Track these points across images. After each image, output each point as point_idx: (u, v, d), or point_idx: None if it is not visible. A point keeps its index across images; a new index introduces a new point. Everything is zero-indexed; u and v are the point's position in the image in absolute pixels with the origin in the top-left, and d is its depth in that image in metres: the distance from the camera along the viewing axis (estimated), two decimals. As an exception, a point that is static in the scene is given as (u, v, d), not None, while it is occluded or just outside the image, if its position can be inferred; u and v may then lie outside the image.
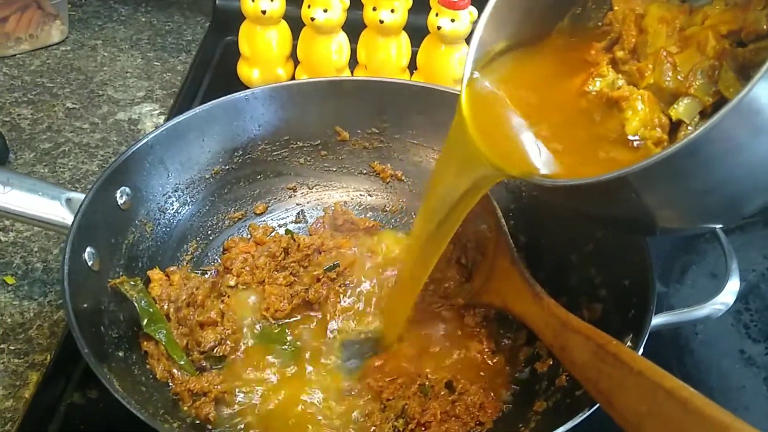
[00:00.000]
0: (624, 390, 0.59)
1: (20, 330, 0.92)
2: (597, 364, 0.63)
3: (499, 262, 0.86)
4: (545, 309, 0.75)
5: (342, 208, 1.07)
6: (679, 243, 1.08)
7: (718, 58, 0.67)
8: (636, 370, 0.59)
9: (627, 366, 0.60)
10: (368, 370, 0.85)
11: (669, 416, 0.55)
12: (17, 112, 1.28)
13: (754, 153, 0.57)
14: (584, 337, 0.66)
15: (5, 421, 0.83)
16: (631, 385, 0.59)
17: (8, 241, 1.04)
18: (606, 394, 0.61)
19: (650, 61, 0.71)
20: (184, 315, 0.88)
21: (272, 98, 1.05)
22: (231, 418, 0.81)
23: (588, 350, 0.65)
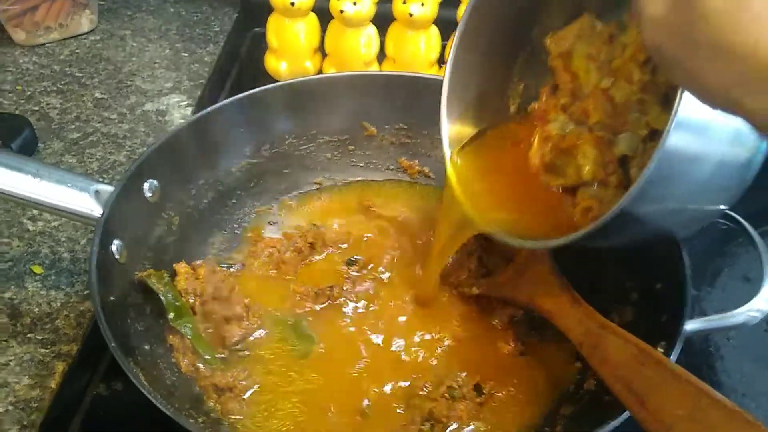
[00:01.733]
0: (662, 392, 0.61)
1: (47, 320, 0.93)
2: (634, 365, 0.65)
3: (535, 267, 0.86)
4: (582, 310, 0.76)
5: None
6: (711, 246, 1.06)
7: (643, 90, 0.67)
8: (682, 378, 0.61)
9: (670, 371, 0.62)
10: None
11: (711, 422, 0.56)
12: (46, 102, 1.29)
13: (695, 178, 0.60)
14: (624, 341, 0.69)
15: (31, 410, 0.83)
16: (672, 389, 0.61)
17: (36, 231, 1.04)
18: (639, 394, 0.63)
19: (591, 101, 0.72)
20: (210, 309, 0.88)
21: (301, 92, 1.04)
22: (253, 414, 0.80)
23: (627, 352, 0.67)
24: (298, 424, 0.79)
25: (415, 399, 0.81)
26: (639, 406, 0.62)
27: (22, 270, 0.99)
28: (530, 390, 0.83)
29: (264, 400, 0.81)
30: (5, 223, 1.05)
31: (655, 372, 0.63)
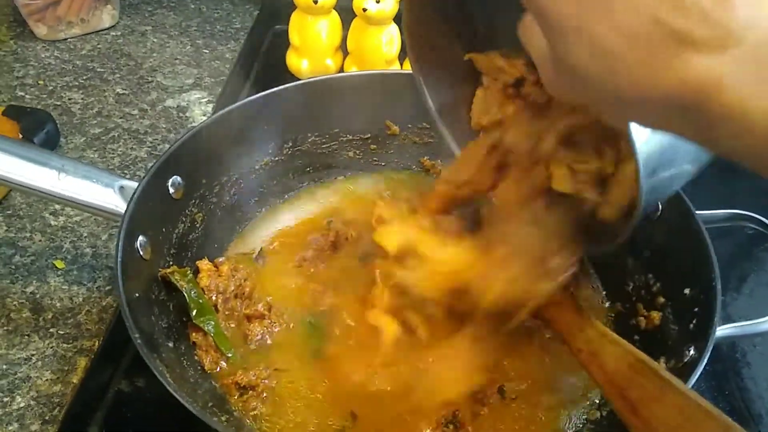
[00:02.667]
0: (656, 402, 0.62)
1: (69, 315, 0.93)
2: (631, 375, 0.66)
3: None
4: (584, 319, 0.76)
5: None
6: (738, 251, 1.05)
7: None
8: (678, 390, 0.62)
9: (666, 382, 0.63)
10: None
11: None
12: (68, 96, 1.29)
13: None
14: (624, 350, 0.69)
15: (53, 405, 0.83)
16: (666, 400, 0.62)
17: (58, 225, 1.04)
18: (632, 402, 0.64)
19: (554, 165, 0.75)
20: (232, 307, 0.87)
21: (324, 90, 1.03)
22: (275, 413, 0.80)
23: (625, 361, 0.68)
24: (320, 424, 0.78)
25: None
26: (631, 413, 0.63)
27: (44, 265, 0.99)
28: (555, 393, 0.82)
29: (286, 399, 0.80)
30: (28, 217, 1.05)
31: (651, 382, 0.64)
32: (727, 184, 1.17)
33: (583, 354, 0.74)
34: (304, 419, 0.79)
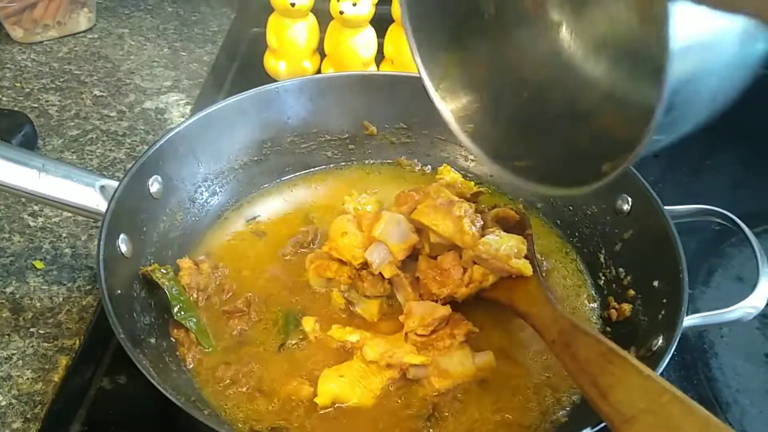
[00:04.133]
0: (625, 387, 0.65)
1: (49, 314, 0.93)
2: (602, 363, 0.68)
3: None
4: (557, 312, 0.79)
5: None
6: (706, 246, 1.08)
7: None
8: (645, 375, 0.64)
9: (635, 368, 0.66)
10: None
11: (670, 416, 0.60)
12: (45, 99, 1.29)
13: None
14: (596, 340, 0.72)
15: (35, 404, 0.84)
16: (634, 384, 0.64)
17: (37, 226, 1.04)
18: (602, 388, 0.66)
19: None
20: (213, 303, 0.89)
21: (302, 91, 1.05)
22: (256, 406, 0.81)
23: (596, 350, 0.70)
24: (300, 417, 0.79)
25: (418, 393, 0.82)
26: (601, 398, 0.66)
27: (23, 265, 0.99)
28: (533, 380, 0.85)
29: (267, 393, 0.81)
30: (6, 218, 1.05)
31: (620, 369, 0.67)
32: (697, 181, 1.22)
33: (556, 345, 0.76)
34: (281, 411, 0.80)
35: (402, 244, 0.89)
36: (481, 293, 0.89)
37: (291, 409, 0.80)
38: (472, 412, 0.81)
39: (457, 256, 0.89)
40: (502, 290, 0.88)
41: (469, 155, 1.10)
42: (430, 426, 0.79)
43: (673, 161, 1.21)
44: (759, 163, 1.26)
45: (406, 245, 0.89)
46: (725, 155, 1.25)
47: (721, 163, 1.24)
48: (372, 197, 0.98)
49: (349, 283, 0.91)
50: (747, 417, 0.88)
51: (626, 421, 0.62)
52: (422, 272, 0.89)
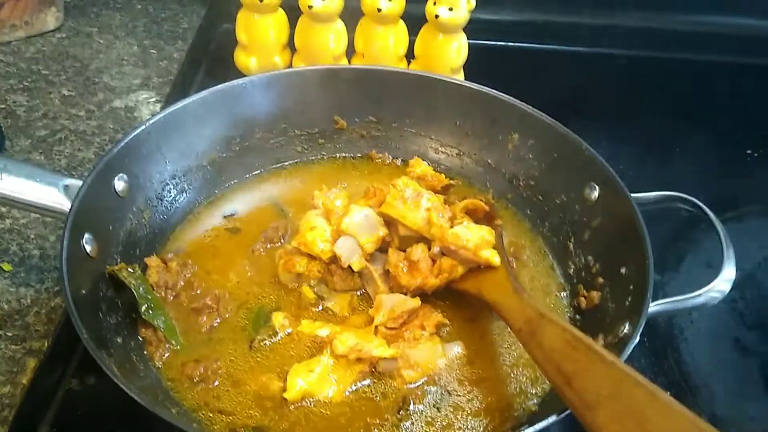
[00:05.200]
0: (589, 374, 0.66)
1: (17, 317, 0.92)
2: (567, 350, 0.69)
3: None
4: (524, 301, 0.80)
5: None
6: (675, 233, 1.09)
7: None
8: (608, 361, 0.65)
9: (598, 355, 0.66)
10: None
11: (633, 401, 0.60)
12: (12, 99, 1.27)
13: None
14: (561, 328, 0.73)
15: (3, 406, 0.83)
16: (598, 371, 0.65)
17: (4, 228, 1.03)
18: (567, 375, 0.67)
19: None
20: (181, 301, 0.88)
21: (270, 86, 1.05)
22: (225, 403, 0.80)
23: (561, 338, 0.71)
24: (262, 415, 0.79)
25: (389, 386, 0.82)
26: (566, 385, 0.66)
27: (-10, 267, 0.98)
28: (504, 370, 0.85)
29: (236, 390, 0.81)
30: (-28, 221, 1.04)
31: (585, 356, 0.67)
32: (666, 169, 1.23)
33: (522, 333, 0.76)
34: (251, 408, 0.79)
35: (371, 237, 0.89)
36: (451, 284, 0.89)
37: (261, 405, 0.80)
38: (442, 402, 0.81)
39: (426, 248, 0.89)
40: (471, 281, 0.88)
41: (440, 148, 1.10)
42: (401, 419, 0.79)
43: (641, 149, 1.22)
44: (727, 150, 1.27)
45: (374, 238, 0.89)
46: (694, 142, 1.26)
47: (689, 150, 1.25)
48: (342, 192, 0.97)
49: (319, 277, 0.91)
50: (717, 401, 0.89)
51: (590, 408, 0.62)
52: (392, 265, 0.89)
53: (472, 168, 1.09)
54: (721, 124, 1.32)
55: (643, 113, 1.34)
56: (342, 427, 0.78)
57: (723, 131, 1.30)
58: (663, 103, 1.37)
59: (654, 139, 1.28)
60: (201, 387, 0.80)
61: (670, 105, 1.37)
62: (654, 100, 1.38)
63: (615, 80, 1.44)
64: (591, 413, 0.62)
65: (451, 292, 0.90)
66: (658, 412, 0.59)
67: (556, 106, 1.03)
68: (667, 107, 1.36)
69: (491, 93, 1.04)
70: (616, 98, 1.38)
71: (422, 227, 0.89)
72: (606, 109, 1.35)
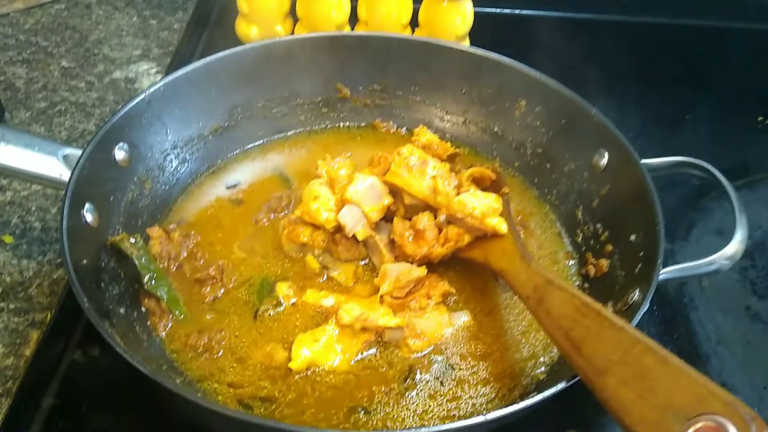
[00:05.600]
0: (598, 339, 0.64)
1: (20, 289, 0.91)
2: (576, 316, 0.68)
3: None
4: (532, 268, 0.79)
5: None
6: (685, 201, 1.07)
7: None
8: (618, 326, 0.64)
9: (608, 321, 0.65)
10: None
11: (643, 366, 0.59)
12: (12, 71, 1.26)
13: None
14: (569, 294, 0.71)
15: (6, 378, 0.82)
16: (607, 337, 0.64)
17: (5, 201, 1.02)
18: (576, 341, 0.66)
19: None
20: (184, 272, 0.87)
21: (272, 53, 1.03)
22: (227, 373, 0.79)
23: (570, 305, 0.70)
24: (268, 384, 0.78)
25: (395, 355, 0.81)
26: (575, 352, 0.65)
27: (-9, 240, 0.97)
28: (512, 339, 0.84)
29: (241, 359, 0.80)
30: (-27, 193, 1.03)
31: (594, 322, 0.66)
32: (675, 137, 1.20)
33: (530, 301, 0.75)
34: (256, 377, 0.79)
35: (375, 206, 0.87)
36: (457, 253, 0.88)
37: (267, 375, 0.79)
38: (448, 372, 0.80)
39: (432, 216, 0.87)
40: (477, 249, 0.87)
41: (445, 116, 1.09)
42: (407, 387, 0.78)
43: (650, 117, 1.19)
44: (738, 118, 1.25)
45: (379, 207, 0.87)
46: (703, 110, 1.24)
47: (699, 118, 1.23)
48: (346, 161, 0.96)
49: (323, 247, 0.89)
50: (727, 369, 0.88)
51: (599, 374, 0.61)
52: (397, 234, 0.87)
53: (479, 136, 1.07)
54: (731, 91, 1.29)
55: (651, 81, 1.32)
56: (348, 395, 0.77)
57: (733, 98, 1.28)
58: (672, 71, 1.35)
59: (663, 107, 1.26)
60: (205, 357, 0.80)
61: (679, 72, 1.34)
62: (663, 67, 1.36)
63: (623, 47, 1.41)
64: (600, 379, 0.61)
65: (458, 261, 0.89)
66: (669, 376, 0.58)
67: (562, 73, 1.01)
68: (676, 75, 1.34)
69: (498, 59, 1.02)
70: (623, 66, 1.35)
71: (428, 196, 0.87)
72: (613, 76, 1.31)
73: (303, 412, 0.76)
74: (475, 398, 0.78)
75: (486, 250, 0.86)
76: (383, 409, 0.77)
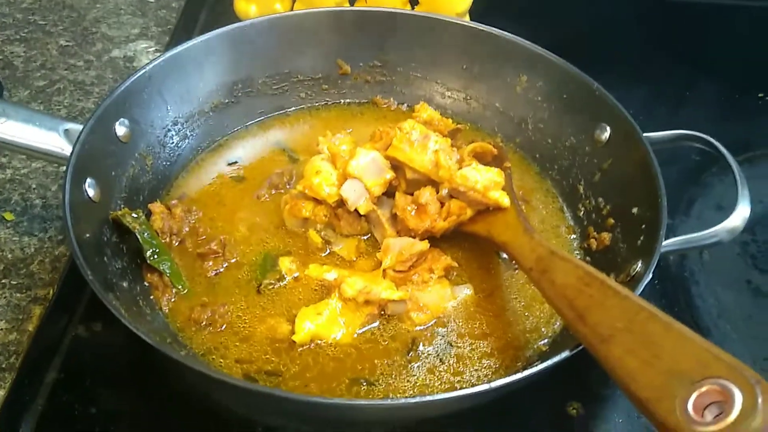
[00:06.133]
0: (602, 308, 0.64)
1: (21, 265, 0.91)
2: (579, 286, 0.68)
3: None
4: (535, 240, 0.79)
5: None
6: (686, 176, 1.07)
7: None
8: (622, 294, 0.64)
9: (612, 289, 0.65)
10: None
11: (647, 333, 0.60)
12: (10, 50, 1.25)
13: None
14: (573, 265, 0.71)
15: (9, 353, 0.82)
16: (611, 305, 0.64)
17: (5, 178, 1.02)
18: (580, 310, 0.66)
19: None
20: (186, 247, 0.87)
21: (272, 29, 1.02)
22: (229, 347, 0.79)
23: (573, 275, 0.70)
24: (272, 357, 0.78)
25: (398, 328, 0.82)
26: (579, 320, 0.66)
27: (-8, 217, 0.97)
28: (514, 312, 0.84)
29: (244, 333, 0.80)
30: (-27, 171, 1.02)
31: (598, 291, 0.66)
32: (677, 112, 1.20)
33: (533, 272, 0.75)
34: (259, 351, 0.79)
35: (378, 180, 0.87)
36: (460, 227, 0.88)
37: (271, 348, 0.79)
38: (453, 345, 0.80)
39: (434, 191, 0.87)
40: (480, 223, 0.87)
41: (446, 92, 1.08)
42: (411, 360, 0.79)
43: (653, 92, 1.19)
44: (739, 94, 1.25)
45: (381, 181, 0.87)
46: (704, 86, 1.24)
47: (700, 94, 1.23)
48: (347, 137, 0.95)
49: (326, 222, 0.89)
50: (727, 342, 0.88)
51: (604, 341, 0.61)
52: (399, 208, 0.87)
53: (480, 112, 1.07)
54: (731, 67, 1.29)
55: (652, 57, 1.31)
56: (351, 368, 0.78)
57: (734, 74, 1.27)
58: (673, 47, 1.34)
59: (664, 83, 1.26)
60: (209, 331, 0.80)
61: (680, 49, 1.34)
62: (664, 43, 1.35)
63: (624, 23, 1.41)
64: (605, 346, 0.61)
65: (462, 239, 0.89)
66: (673, 342, 0.58)
67: (563, 50, 1.00)
68: (677, 51, 1.33)
69: (499, 33, 1.01)
70: (624, 42, 1.35)
71: (430, 170, 0.87)
72: (614, 53, 1.31)
73: (306, 384, 0.76)
74: (480, 370, 0.78)
75: (489, 223, 0.86)
76: (386, 380, 0.77)
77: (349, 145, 0.94)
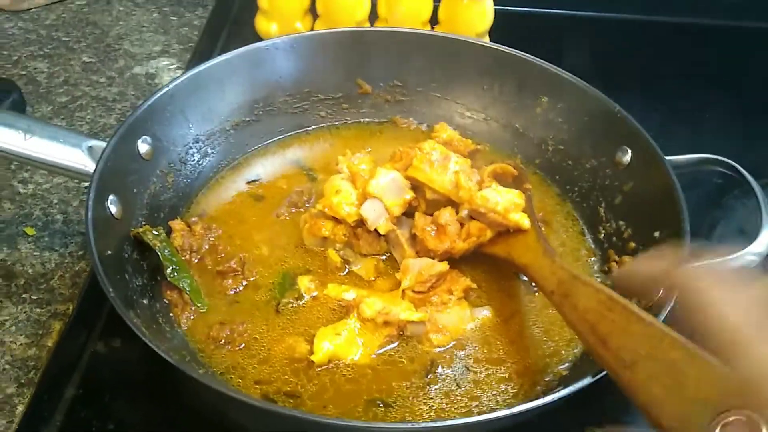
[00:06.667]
0: (626, 334, 0.63)
1: (42, 280, 0.92)
2: (602, 310, 0.67)
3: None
4: (556, 263, 0.78)
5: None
6: (707, 199, 1.06)
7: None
8: (646, 321, 0.62)
9: (635, 315, 0.63)
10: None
11: (672, 361, 0.57)
12: (33, 66, 1.27)
13: None
14: (595, 289, 0.70)
15: (29, 368, 0.83)
16: (635, 331, 0.62)
17: (27, 193, 1.03)
18: (602, 335, 0.65)
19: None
20: (206, 264, 0.88)
21: (293, 49, 1.03)
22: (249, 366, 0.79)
23: (595, 299, 0.69)
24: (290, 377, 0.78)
25: (417, 349, 0.81)
26: (601, 345, 0.64)
27: (14, 232, 0.97)
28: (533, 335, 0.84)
29: (263, 352, 0.80)
30: (-4, 185, 1.03)
31: (621, 316, 0.65)
32: (697, 134, 1.20)
33: (555, 296, 0.75)
34: (278, 371, 0.79)
35: (397, 200, 0.87)
36: (479, 248, 0.88)
37: (290, 369, 0.79)
38: (470, 370, 0.80)
39: (453, 211, 0.87)
40: (500, 245, 0.87)
41: (466, 112, 1.08)
42: (429, 382, 0.78)
43: (672, 114, 1.19)
44: (758, 115, 1.24)
45: (401, 201, 0.87)
46: (723, 108, 1.23)
47: (719, 116, 1.22)
48: (366, 156, 0.96)
49: (345, 241, 0.89)
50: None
51: (627, 367, 0.61)
52: (419, 229, 0.87)
53: (500, 133, 1.07)
54: (750, 88, 1.29)
55: (670, 79, 1.31)
56: (367, 389, 0.77)
57: (752, 96, 1.27)
58: (691, 69, 1.34)
59: (683, 105, 1.25)
60: (227, 349, 0.80)
61: (698, 70, 1.34)
62: (682, 65, 1.35)
63: (641, 46, 1.41)
64: (628, 372, 0.60)
65: (481, 259, 0.89)
66: (698, 371, 0.56)
67: (582, 72, 1.00)
68: (695, 73, 1.33)
69: (519, 55, 1.02)
70: (642, 64, 1.35)
71: (450, 190, 0.87)
72: (632, 75, 1.31)
73: (325, 405, 0.76)
74: (498, 395, 0.78)
75: (509, 245, 0.85)
76: (403, 402, 0.76)
77: (369, 164, 0.94)
